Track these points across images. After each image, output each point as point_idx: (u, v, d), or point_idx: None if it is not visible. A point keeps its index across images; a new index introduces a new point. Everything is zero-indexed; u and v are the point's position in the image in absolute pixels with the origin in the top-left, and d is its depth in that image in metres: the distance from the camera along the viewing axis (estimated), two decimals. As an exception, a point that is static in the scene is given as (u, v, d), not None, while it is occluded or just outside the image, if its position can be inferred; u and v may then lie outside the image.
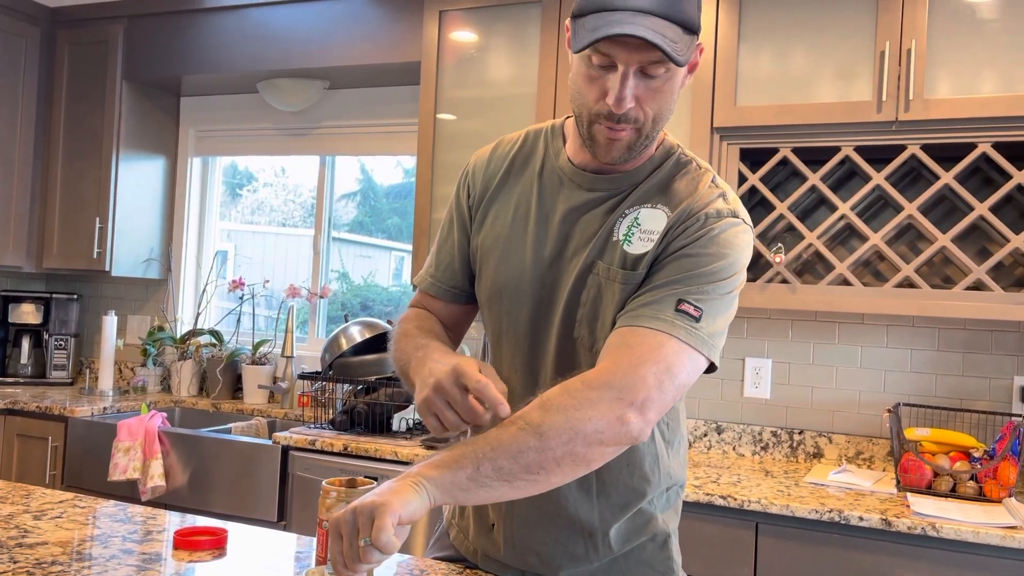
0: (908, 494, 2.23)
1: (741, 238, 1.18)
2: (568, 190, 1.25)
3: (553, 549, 1.28)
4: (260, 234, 3.92)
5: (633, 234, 1.19)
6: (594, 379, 1.08)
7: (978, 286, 2.35)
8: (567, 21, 1.18)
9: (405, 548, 2.50)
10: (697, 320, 1.11)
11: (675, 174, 1.23)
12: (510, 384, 1.29)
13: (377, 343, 2.99)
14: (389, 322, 3.14)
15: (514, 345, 1.29)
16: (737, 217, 1.19)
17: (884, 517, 2.01)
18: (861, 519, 2.02)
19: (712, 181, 1.22)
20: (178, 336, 3.67)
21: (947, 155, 2.38)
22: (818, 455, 2.69)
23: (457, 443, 1.07)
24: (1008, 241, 2.24)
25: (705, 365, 1.14)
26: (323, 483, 1.17)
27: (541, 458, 1.03)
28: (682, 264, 1.15)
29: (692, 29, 1.10)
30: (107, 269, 3.50)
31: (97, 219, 3.50)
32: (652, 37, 1.05)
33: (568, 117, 1.30)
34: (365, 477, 1.24)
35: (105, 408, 3.20)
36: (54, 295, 3.78)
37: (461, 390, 1.08)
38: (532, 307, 1.26)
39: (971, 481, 2.22)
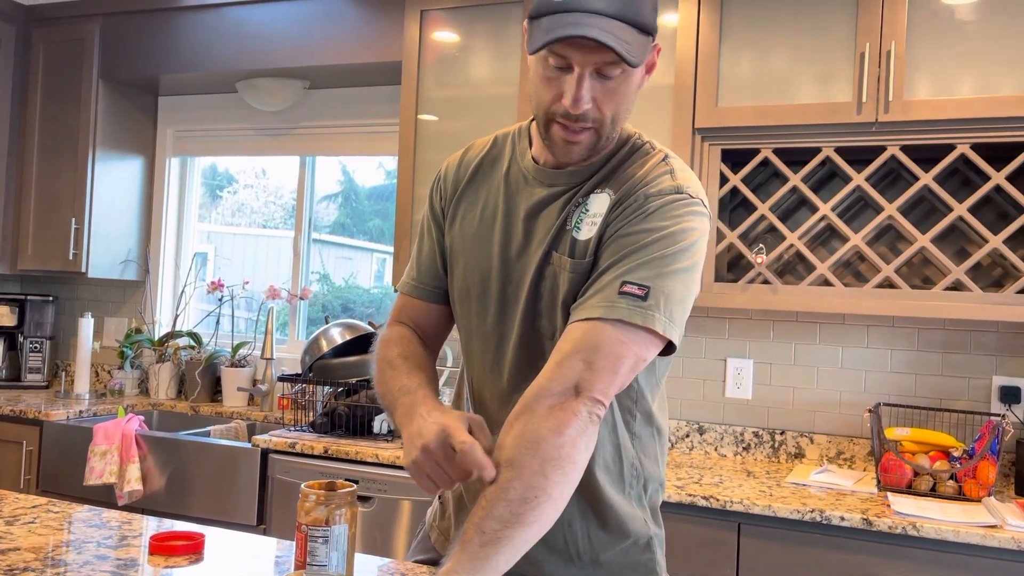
0: (889, 494, 2.24)
1: (685, 210, 1.16)
2: (531, 188, 1.27)
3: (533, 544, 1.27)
4: (240, 236, 3.89)
5: (582, 220, 1.20)
6: (530, 393, 1.10)
7: (957, 286, 2.36)
8: (524, 23, 1.19)
9: (387, 552, 2.48)
10: (644, 299, 1.10)
11: (628, 158, 1.24)
12: (482, 382, 1.31)
13: (358, 345, 2.97)
14: (371, 324, 3.12)
15: (483, 341, 1.30)
16: (682, 193, 1.18)
17: (865, 517, 2.01)
18: (842, 519, 2.03)
19: (663, 160, 1.22)
20: (156, 338, 3.63)
21: (926, 156, 2.39)
22: (799, 455, 2.69)
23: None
24: (986, 242, 2.26)
25: (649, 336, 1.11)
26: (303, 486, 1.16)
27: (527, 483, 1.03)
28: (620, 244, 1.15)
29: (647, 30, 1.12)
30: (83, 270, 3.46)
31: (73, 220, 3.45)
32: (606, 39, 1.06)
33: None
34: (345, 480, 1.23)
35: (81, 411, 3.15)
36: (29, 297, 3.72)
37: (449, 451, 1.09)
38: (499, 304, 1.28)
39: (951, 480, 2.23)
